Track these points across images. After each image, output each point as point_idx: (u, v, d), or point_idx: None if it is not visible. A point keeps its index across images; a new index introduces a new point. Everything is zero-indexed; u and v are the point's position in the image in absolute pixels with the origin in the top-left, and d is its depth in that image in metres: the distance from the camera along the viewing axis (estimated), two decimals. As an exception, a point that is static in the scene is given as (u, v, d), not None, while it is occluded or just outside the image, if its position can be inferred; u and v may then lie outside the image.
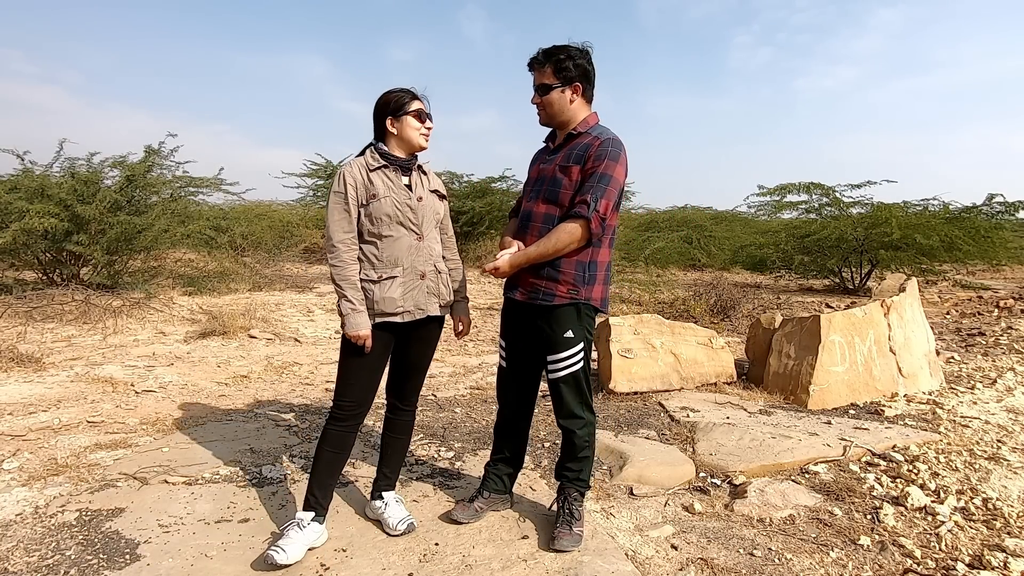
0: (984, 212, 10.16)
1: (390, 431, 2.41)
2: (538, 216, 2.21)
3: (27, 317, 6.02)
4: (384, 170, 2.18)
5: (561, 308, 2.19)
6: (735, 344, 5.68)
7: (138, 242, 7.13)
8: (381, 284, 2.15)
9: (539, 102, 2.23)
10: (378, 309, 2.15)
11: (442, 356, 5.32)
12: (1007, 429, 3.46)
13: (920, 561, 2.16)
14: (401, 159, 2.21)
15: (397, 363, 2.35)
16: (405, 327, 2.24)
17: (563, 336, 2.19)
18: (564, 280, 2.17)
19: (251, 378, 4.47)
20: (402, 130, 2.18)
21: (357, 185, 2.13)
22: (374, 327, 2.15)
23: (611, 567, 2.08)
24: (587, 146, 2.16)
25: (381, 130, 2.22)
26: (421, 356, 2.36)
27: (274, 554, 1.99)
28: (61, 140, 7.46)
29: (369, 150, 2.23)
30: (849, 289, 10.39)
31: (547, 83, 2.18)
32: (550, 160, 2.25)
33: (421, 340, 2.32)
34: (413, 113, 2.18)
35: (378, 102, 2.21)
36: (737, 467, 2.90)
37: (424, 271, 2.22)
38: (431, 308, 2.25)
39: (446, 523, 2.34)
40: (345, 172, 2.15)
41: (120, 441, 3.12)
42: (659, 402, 3.97)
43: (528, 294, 2.22)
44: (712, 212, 17.28)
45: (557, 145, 2.27)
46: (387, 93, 2.20)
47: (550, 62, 2.16)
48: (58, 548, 2.12)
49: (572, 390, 2.24)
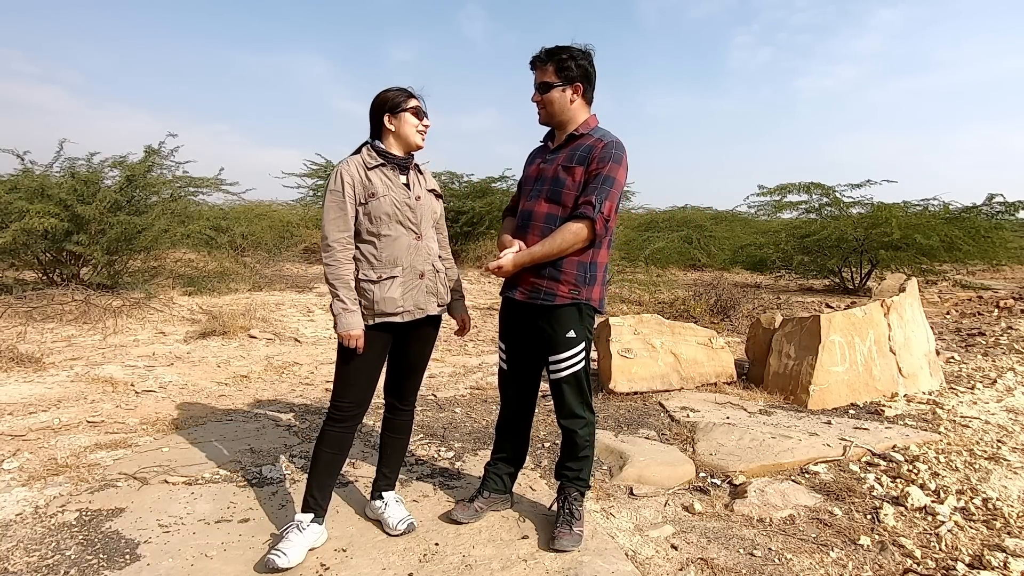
0: (984, 212, 10.16)
1: (389, 431, 2.41)
2: (540, 216, 2.21)
3: (27, 317, 6.02)
4: (382, 168, 2.16)
5: (562, 308, 2.19)
6: (735, 344, 5.68)
7: (138, 242, 7.13)
8: (381, 284, 2.13)
9: (539, 100, 2.22)
10: (378, 309, 2.13)
11: (442, 356, 5.32)
12: (1007, 429, 3.46)
13: (920, 561, 2.16)
14: (398, 157, 2.20)
15: (396, 363, 2.34)
16: (404, 327, 2.22)
17: (565, 336, 2.20)
18: (566, 280, 2.17)
19: (251, 378, 4.47)
20: (400, 127, 2.17)
21: (355, 183, 2.11)
22: (373, 327, 2.14)
23: (611, 567, 2.08)
24: (590, 148, 2.17)
25: (378, 128, 2.20)
26: (420, 356, 2.35)
27: (275, 558, 1.98)
28: (61, 140, 7.47)
29: (365, 148, 2.20)
30: (849, 289, 10.39)
31: (548, 81, 2.18)
32: (551, 160, 2.25)
33: (420, 340, 2.32)
34: (411, 110, 2.17)
35: (375, 100, 2.19)
36: (737, 467, 2.90)
37: (423, 271, 2.21)
38: (430, 308, 2.25)
39: (446, 523, 2.34)
40: (342, 170, 2.12)
41: (120, 441, 3.12)
42: (659, 402, 3.97)
43: (529, 294, 2.22)
44: (712, 212, 17.29)
45: (557, 145, 2.26)
46: (385, 91, 2.19)
47: (552, 61, 2.17)
48: (58, 548, 2.12)
49: (574, 390, 2.25)
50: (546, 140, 2.37)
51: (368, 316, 2.13)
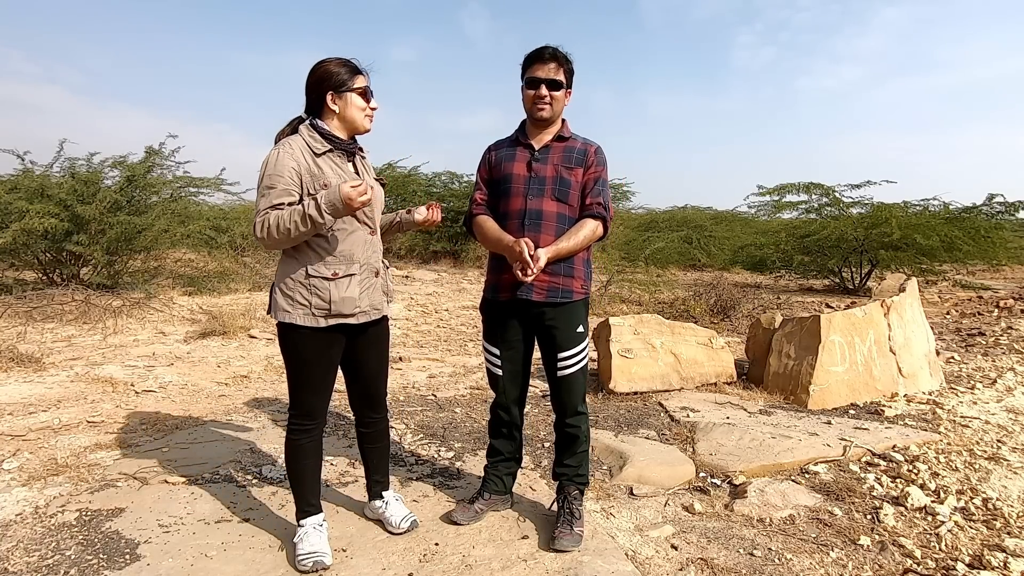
0: (984, 212, 10.16)
1: (369, 443, 2.29)
2: (551, 215, 2.23)
3: (27, 317, 6.02)
4: (330, 155, 1.95)
5: (576, 304, 2.26)
6: (735, 344, 5.68)
7: (138, 242, 7.13)
8: (338, 283, 1.94)
9: (548, 96, 2.23)
10: (335, 310, 1.94)
11: (442, 356, 5.32)
12: (1007, 429, 3.46)
13: (920, 561, 2.16)
14: (344, 142, 1.98)
15: (355, 374, 2.18)
16: (356, 329, 2.06)
17: (576, 332, 2.26)
18: (577, 276, 2.26)
19: (251, 378, 4.47)
20: (345, 109, 1.95)
21: (301, 171, 1.87)
22: (326, 330, 1.97)
23: (611, 567, 2.08)
24: (583, 151, 2.29)
25: (318, 106, 1.95)
26: (380, 359, 2.21)
27: (322, 558, 1.99)
28: (61, 140, 7.49)
29: (306, 128, 1.95)
30: (849, 289, 10.39)
31: (560, 80, 2.23)
32: (543, 159, 2.26)
33: (376, 341, 2.16)
34: (358, 91, 1.95)
35: (315, 72, 1.94)
36: (737, 467, 2.89)
37: (377, 268, 2.08)
38: (384, 307, 2.13)
39: (446, 523, 2.34)
40: (284, 155, 1.86)
41: (120, 441, 3.12)
42: (659, 402, 3.97)
43: (547, 293, 2.22)
44: (712, 212, 17.29)
45: (543, 145, 2.29)
46: (325, 63, 1.94)
47: (560, 62, 2.23)
48: (58, 548, 2.12)
49: (579, 385, 2.30)
50: (517, 137, 2.33)
51: (321, 317, 1.94)
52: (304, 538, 2.06)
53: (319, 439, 2.14)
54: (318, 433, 2.12)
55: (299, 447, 2.08)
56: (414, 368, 4.84)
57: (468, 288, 9.66)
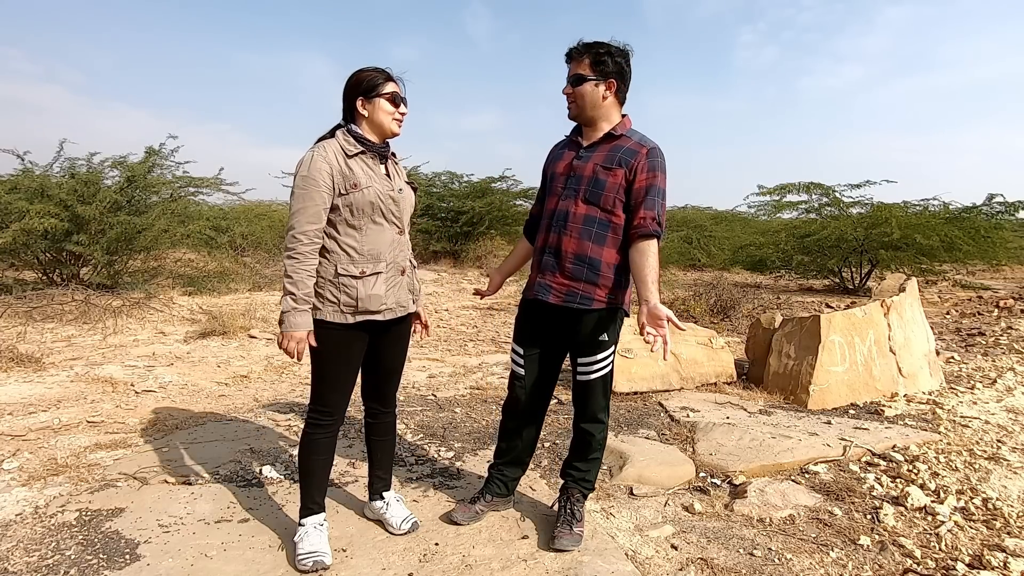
0: (984, 212, 10.16)
1: (377, 435, 2.33)
2: (578, 217, 2.14)
3: (27, 317, 6.02)
4: (362, 156, 2.03)
5: (598, 312, 2.16)
6: (735, 344, 5.68)
7: (138, 242, 7.13)
8: (365, 280, 2.01)
9: (571, 93, 2.15)
10: (362, 307, 2.01)
11: (442, 356, 5.32)
12: (1007, 429, 3.46)
13: (920, 561, 2.16)
14: (376, 145, 2.07)
15: (375, 366, 2.23)
16: (380, 326, 2.11)
17: (598, 339, 2.18)
18: (603, 284, 2.14)
19: (251, 378, 4.47)
20: (373, 113, 2.03)
21: (333, 172, 1.96)
22: (353, 326, 2.03)
23: (611, 567, 2.08)
24: (632, 152, 2.11)
25: (351, 111, 2.07)
26: (398, 356, 2.27)
27: (322, 558, 2.01)
28: (61, 140, 7.50)
29: (341, 132, 2.05)
30: (849, 289, 10.39)
31: (582, 74, 2.11)
32: (586, 157, 2.16)
33: (397, 339, 2.23)
34: (387, 96, 2.03)
35: (349, 81, 2.05)
36: (737, 467, 2.89)
37: (404, 267, 2.13)
38: (410, 305, 2.18)
39: (446, 523, 2.34)
40: (317, 157, 1.95)
41: (120, 441, 3.12)
42: (659, 402, 3.97)
43: (564, 297, 2.16)
44: (712, 212, 17.30)
45: (591, 143, 2.18)
46: (360, 72, 2.05)
47: (588, 53, 2.11)
48: (58, 548, 2.12)
49: (600, 393, 2.24)
50: (574, 136, 2.28)
51: (349, 313, 2.01)
52: (304, 537, 2.07)
53: (334, 437, 2.15)
54: (334, 430, 2.14)
55: (313, 441, 2.12)
56: (414, 368, 4.84)
57: (468, 288, 9.66)
